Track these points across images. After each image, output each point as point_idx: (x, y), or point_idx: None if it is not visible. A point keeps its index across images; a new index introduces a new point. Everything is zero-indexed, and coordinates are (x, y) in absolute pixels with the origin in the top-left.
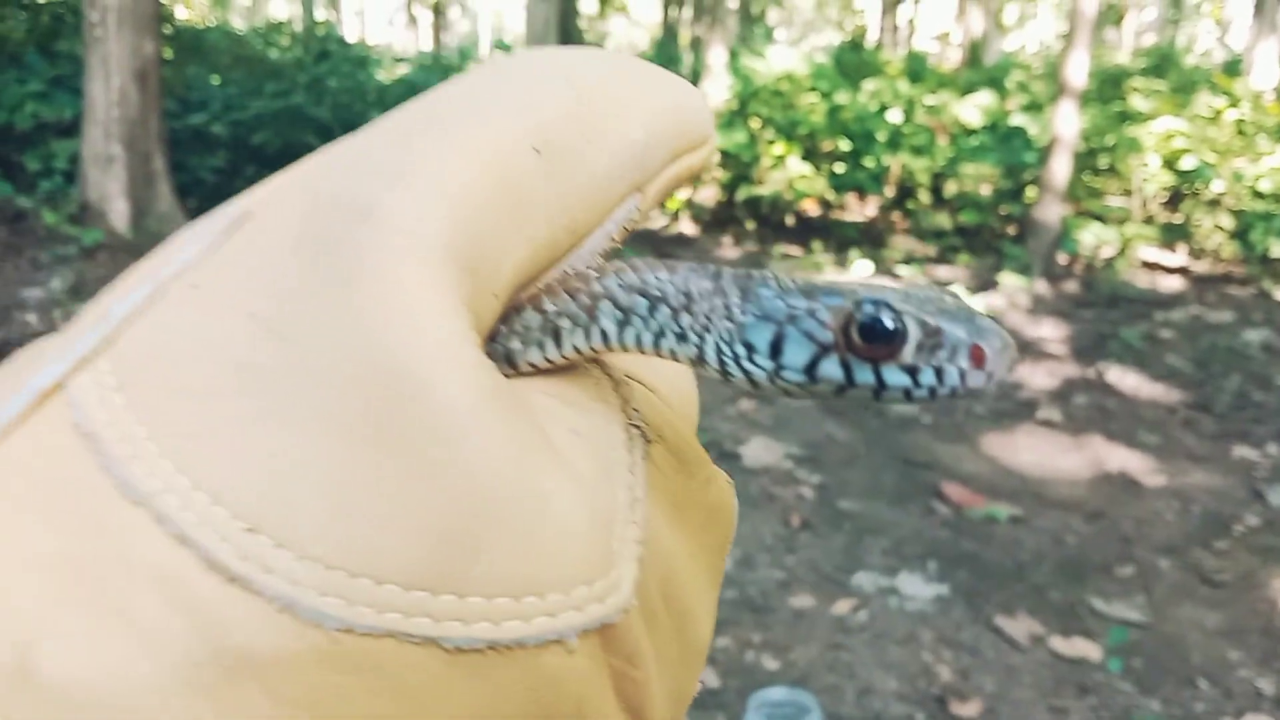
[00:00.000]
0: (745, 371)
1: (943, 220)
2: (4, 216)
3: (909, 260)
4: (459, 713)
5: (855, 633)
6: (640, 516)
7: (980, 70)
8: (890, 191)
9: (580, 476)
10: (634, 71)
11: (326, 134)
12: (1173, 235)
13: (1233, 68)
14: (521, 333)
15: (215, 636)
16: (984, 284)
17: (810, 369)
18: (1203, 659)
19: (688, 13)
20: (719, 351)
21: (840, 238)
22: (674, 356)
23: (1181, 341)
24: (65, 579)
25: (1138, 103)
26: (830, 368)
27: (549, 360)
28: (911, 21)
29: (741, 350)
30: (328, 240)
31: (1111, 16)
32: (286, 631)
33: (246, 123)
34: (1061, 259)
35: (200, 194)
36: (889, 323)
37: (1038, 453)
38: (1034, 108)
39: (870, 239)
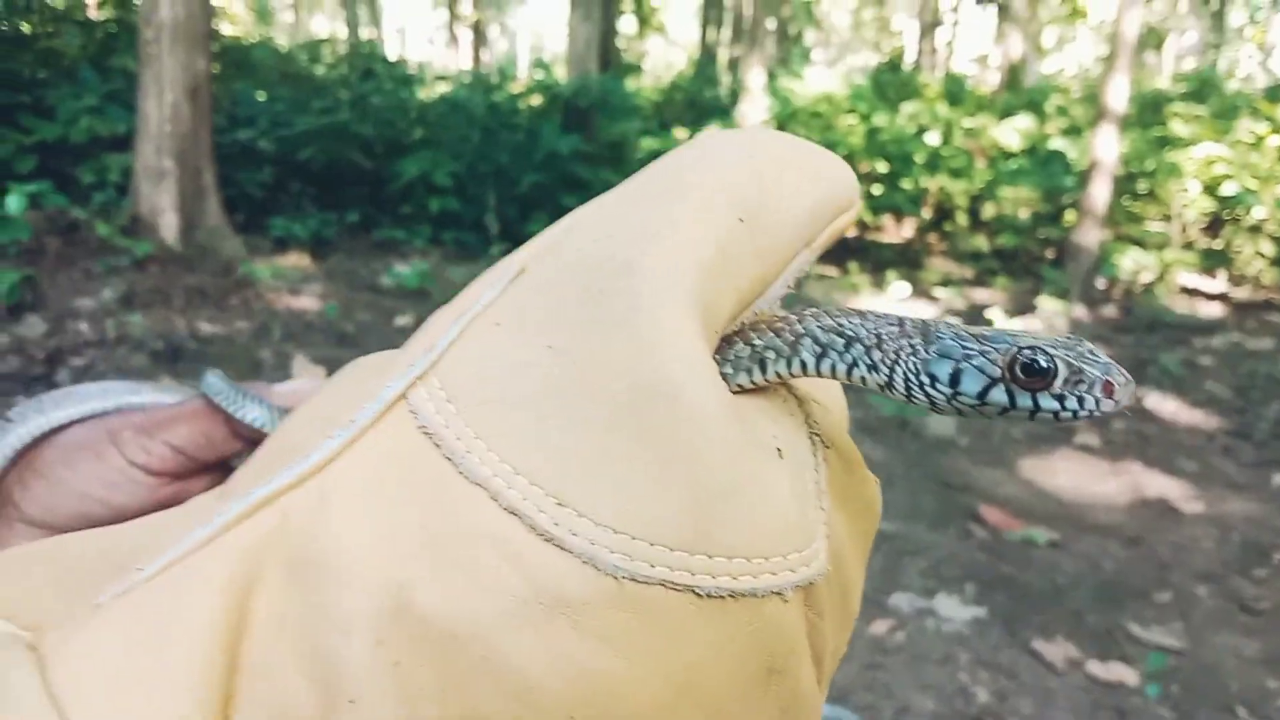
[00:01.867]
0: (928, 395)
1: (980, 243)
2: (59, 227)
3: (946, 283)
4: (705, 643)
5: (893, 653)
6: (825, 504)
7: (1019, 93)
8: (928, 213)
9: (786, 470)
10: (799, 149)
11: (369, 150)
12: (1213, 261)
13: (1275, 93)
14: (733, 360)
15: (537, 582)
16: (1022, 307)
17: (982, 395)
18: (1241, 687)
19: (726, 33)
20: (906, 380)
21: (877, 259)
22: (862, 383)
23: (1221, 368)
24: (427, 538)
25: (1178, 128)
26: (998, 394)
27: (753, 383)
28: (949, 44)
29: (926, 379)
30: (600, 289)
31: (1152, 40)
32: (588, 579)
33: (293, 138)
34: (1100, 284)
35: (248, 208)
36: (1044, 362)
37: (1075, 477)
38: (1073, 131)
39: (907, 260)
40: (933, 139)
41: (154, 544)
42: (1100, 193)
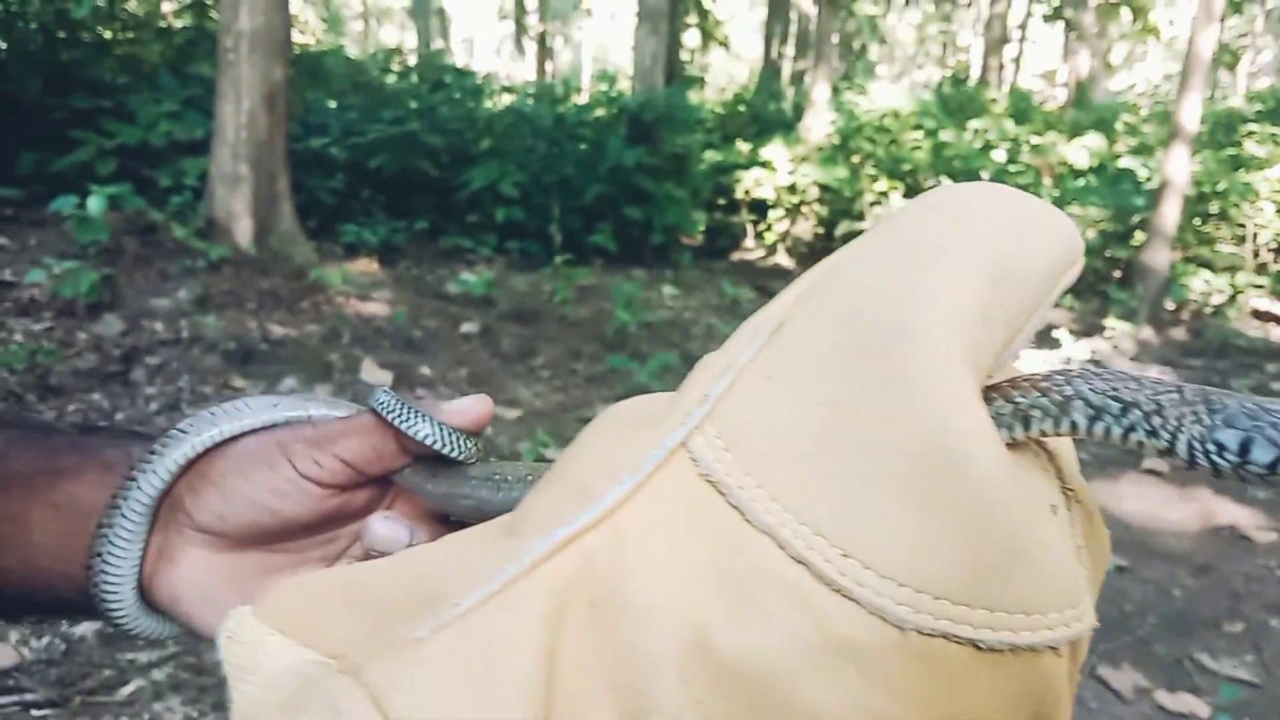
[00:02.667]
0: (1212, 462)
1: None
2: (137, 229)
3: None
4: (982, 693)
5: None
6: (1084, 559)
7: (1088, 111)
8: None
9: (1059, 526)
10: (1036, 207)
11: (437, 159)
12: None
13: None
14: (994, 417)
15: (826, 628)
16: (1089, 328)
17: (1273, 465)
18: None
19: (789, 47)
20: (1190, 447)
21: None
22: (1139, 447)
23: None
24: (721, 582)
25: (1252, 148)
26: None
27: (1013, 439)
28: (1016, 59)
29: (1212, 447)
30: (876, 348)
31: (1226, 58)
32: (874, 628)
33: (364, 147)
34: (1169, 305)
35: (319, 214)
36: None
37: (1144, 502)
38: (1143, 150)
39: None
40: (999, 155)
41: (456, 578)
42: (1170, 213)
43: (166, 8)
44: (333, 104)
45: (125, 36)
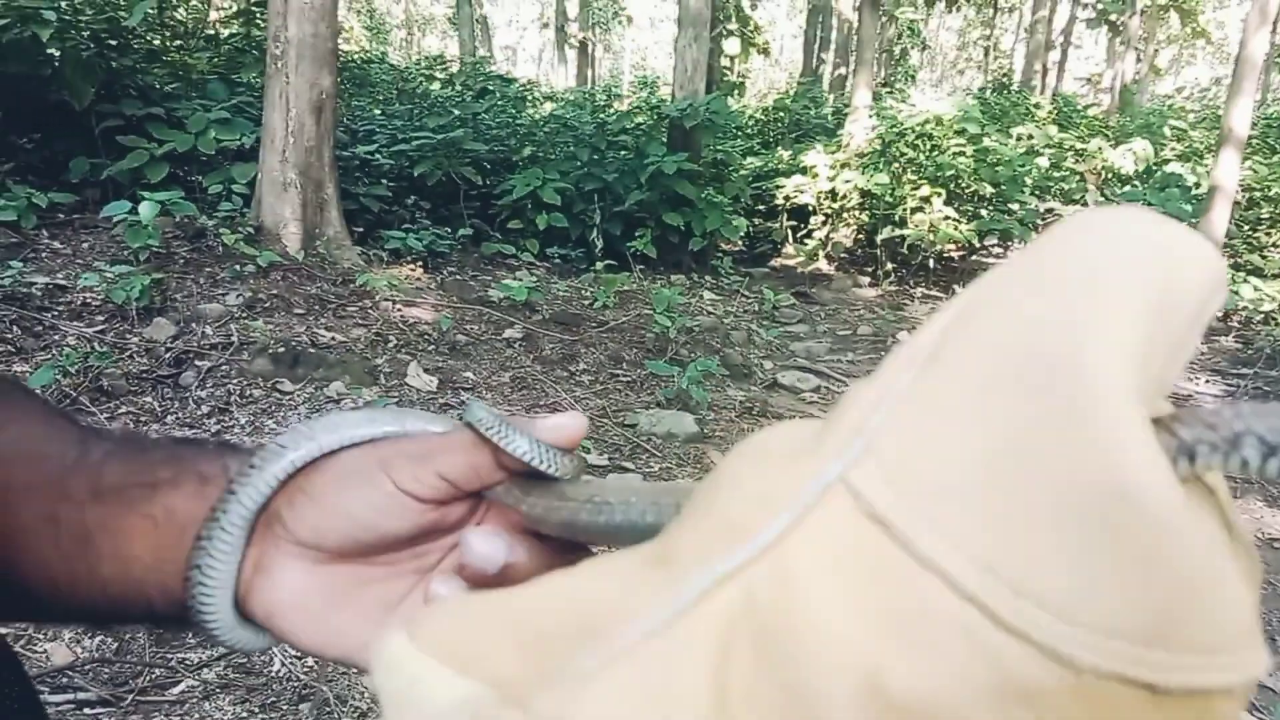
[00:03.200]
0: None
1: None
2: (187, 234)
3: None
4: None
5: None
6: (1251, 594)
7: (1134, 115)
8: (1035, 237)
9: (1233, 565)
10: (1184, 236)
11: (480, 167)
12: None
13: None
14: None
15: (1000, 669)
16: None
17: None
18: None
19: (830, 54)
20: None
21: None
22: None
23: None
24: (891, 621)
25: None
26: None
27: (1179, 476)
28: (1060, 64)
29: None
30: (1040, 384)
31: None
32: (1048, 670)
33: (409, 154)
34: (1218, 314)
35: (365, 221)
36: None
37: None
38: (1192, 155)
39: None
40: (1042, 162)
41: (616, 609)
42: (1220, 219)
43: (213, 16)
44: (377, 111)
45: (174, 45)
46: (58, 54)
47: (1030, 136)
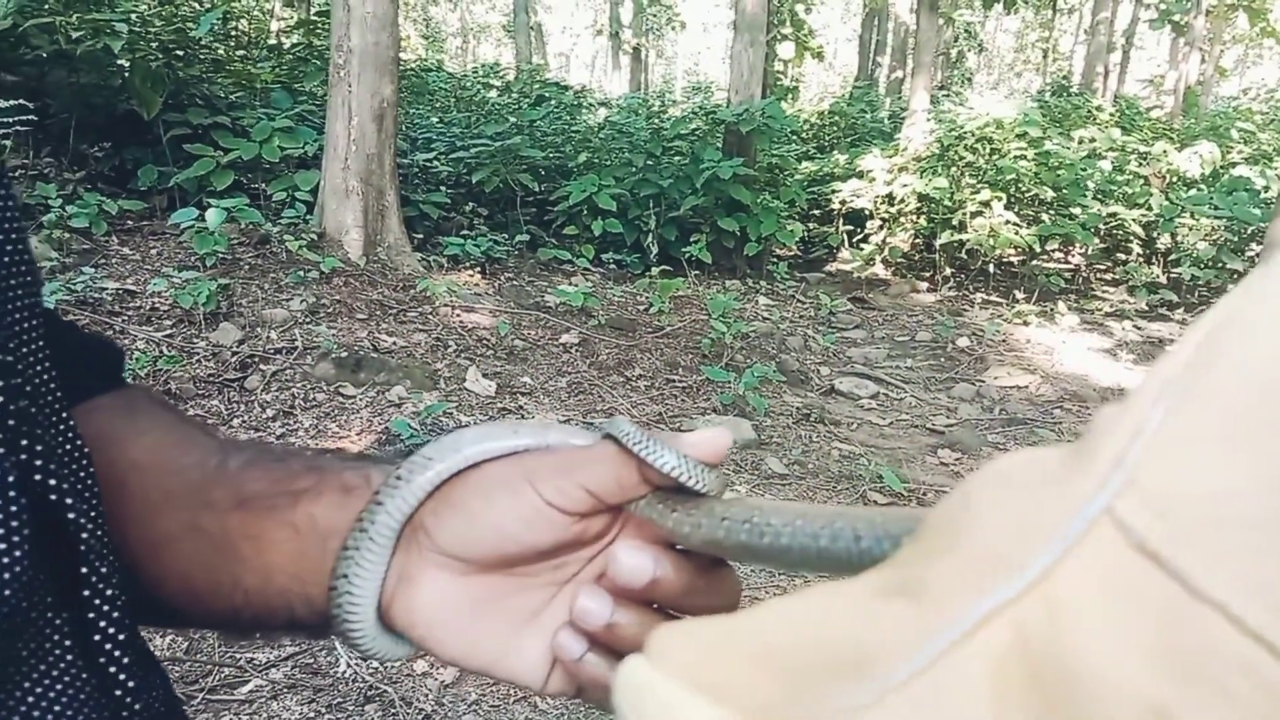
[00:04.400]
0: None
1: (1155, 274)
2: (252, 241)
3: (1119, 314)
4: None
5: None
6: None
7: (1198, 117)
8: (1098, 242)
9: None
10: None
11: (536, 174)
12: None
13: None
14: None
15: None
16: None
17: None
18: None
19: (885, 57)
20: None
21: (1044, 288)
22: None
23: None
24: (1171, 658)
25: None
26: None
27: None
28: (1122, 65)
29: None
30: None
31: None
32: None
33: (467, 161)
34: None
35: (424, 228)
36: None
37: None
38: (1260, 158)
39: (1075, 290)
40: (1105, 165)
41: (874, 643)
42: None
43: (274, 27)
44: (435, 119)
45: (238, 55)
46: (128, 64)
47: (1092, 140)
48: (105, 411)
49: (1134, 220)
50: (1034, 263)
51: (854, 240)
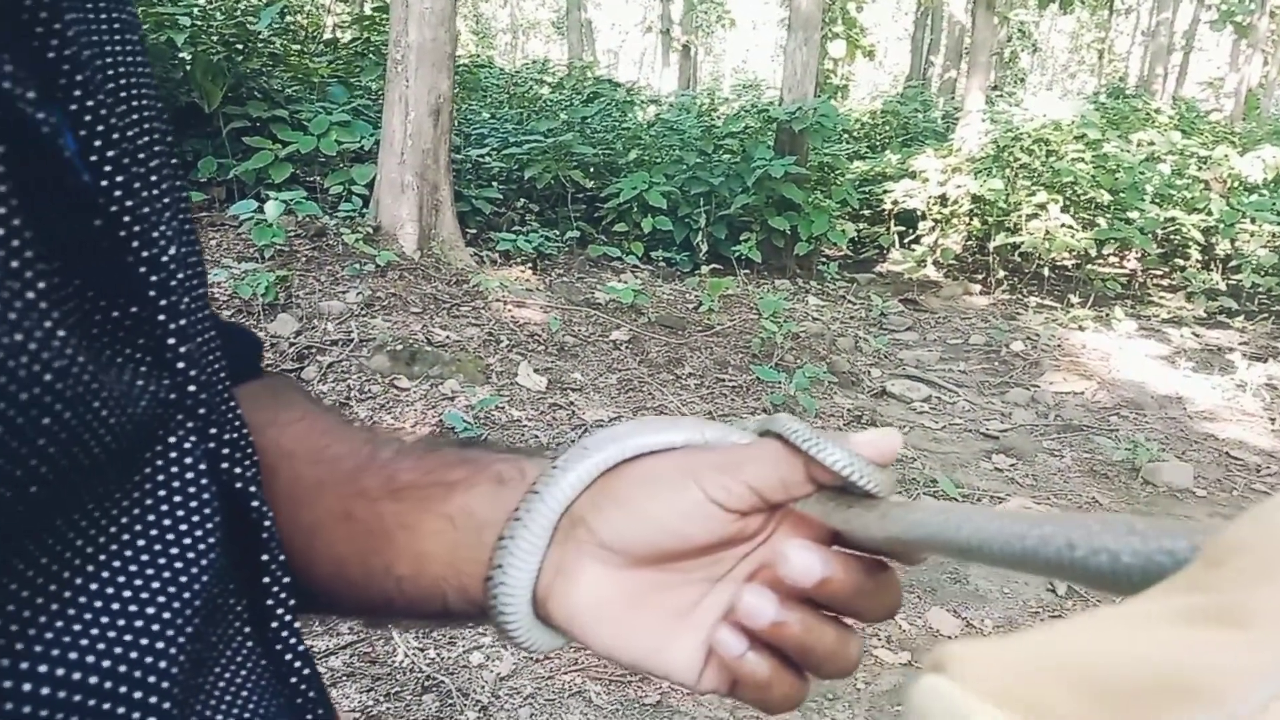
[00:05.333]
0: None
1: (1215, 280)
2: (309, 233)
3: (1177, 321)
4: None
5: None
6: None
7: (1260, 121)
8: (1155, 247)
9: None
10: None
11: (587, 170)
12: None
13: None
14: None
15: None
16: (1262, 352)
17: None
18: None
19: (939, 56)
20: None
21: (1100, 292)
22: None
23: None
24: None
25: None
26: None
27: None
28: (1181, 67)
29: None
30: None
31: None
32: None
33: (519, 157)
34: None
35: (476, 223)
36: None
37: None
38: None
39: (1131, 295)
40: (1164, 168)
41: (1202, 669)
42: None
43: (328, 21)
44: (487, 115)
45: (295, 49)
46: (190, 58)
47: (1151, 143)
48: (252, 399)
49: (1193, 225)
50: (1089, 267)
51: (905, 241)
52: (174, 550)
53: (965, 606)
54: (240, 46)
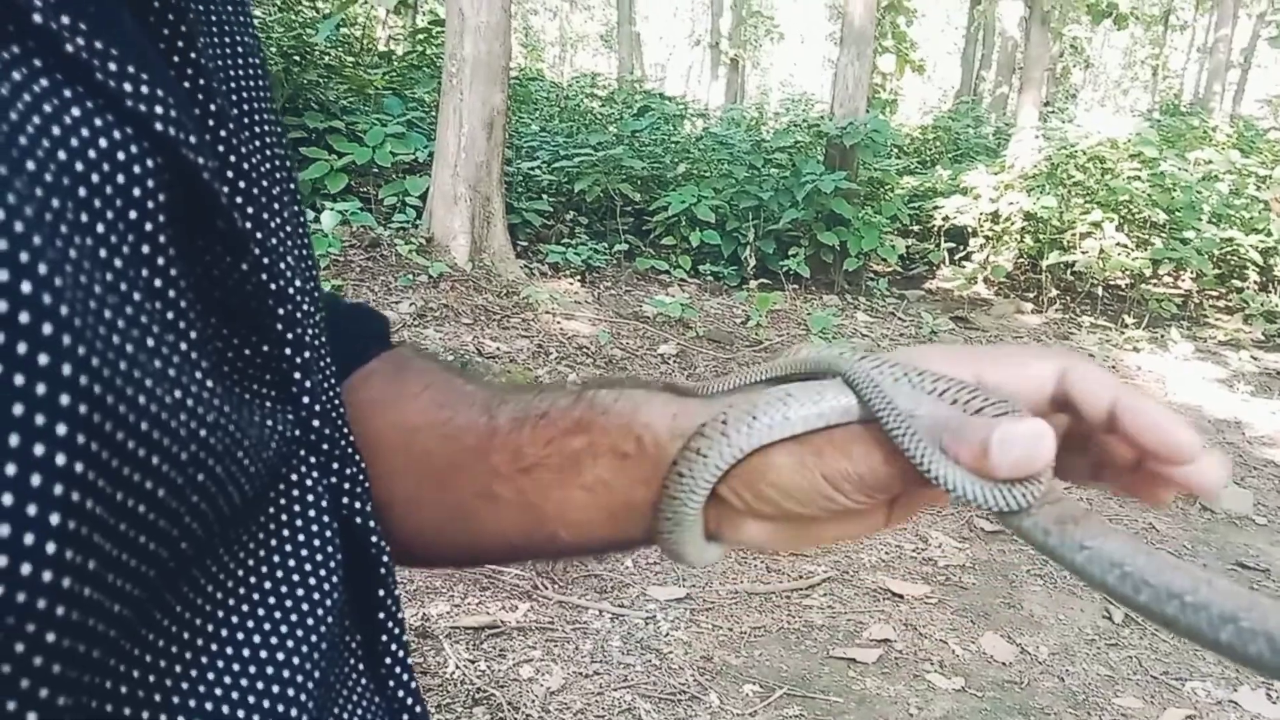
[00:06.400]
0: None
1: (1273, 302)
2: (363, 243)
3: (1234, 343)
4: None
5: None
6: None
7: None
8: (1212, 267)
9: None
10: None
11: (636, 183)
12: None
13: None
14: None
15: None
16: None
17: None
18: None
19: (990, 72)
20: None
21: (1155, 313)
22: None
23: None
24: None
25: None
26: None
27: None
28: (1239, 84)
29: None
30: None
31: None
32: None
33: (569, 170)
34: None
35: (526, 235)
36: None
37: None
38: None
39: (1187, 316)
40: (1222, 188)
41: None
42: None
43: (380, 34)
44: (536, 128)
45: (351, 61)
46: None
47: (1209, 161)
48: (379, 376)
49: (1252, 246)
50: (1143, 287)
51: (956, 258)
52: (300, 592)
53: (1020, 632)
54: (298, 58)
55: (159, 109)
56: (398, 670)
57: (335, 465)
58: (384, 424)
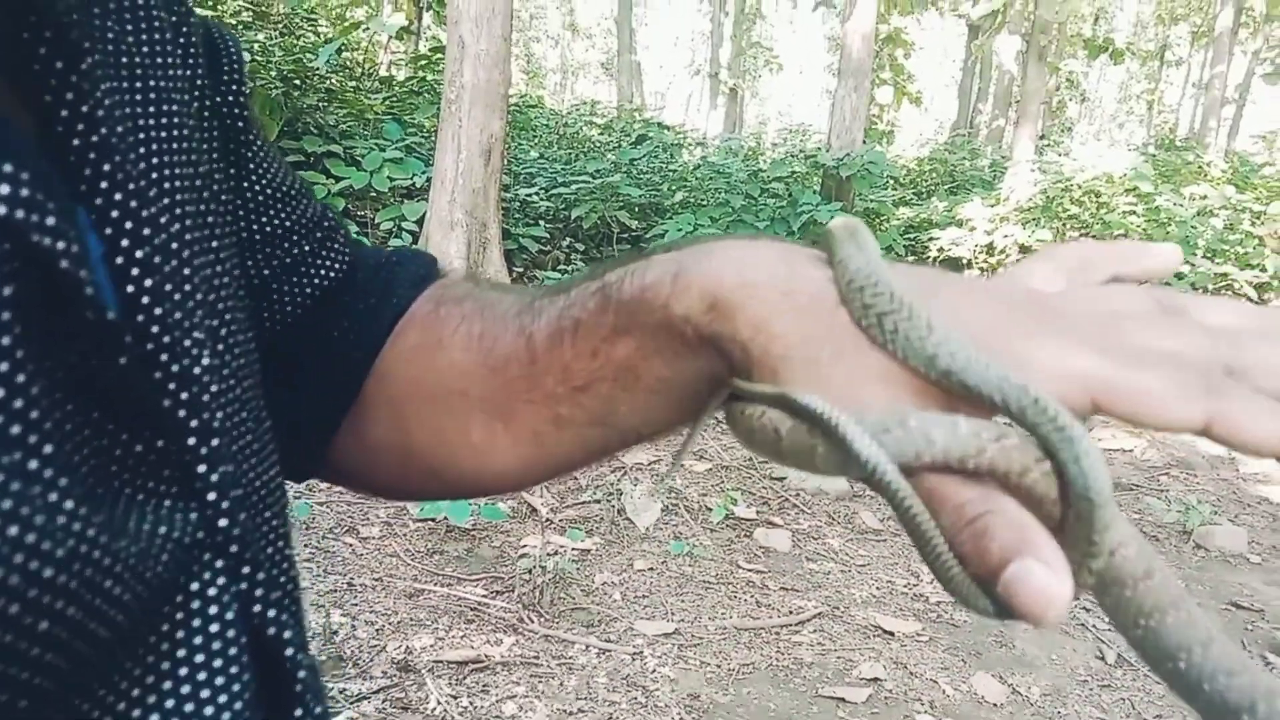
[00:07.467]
0: None
1: None
2: None
3: None
4: None
5: None
6: None
7: None
8: None
9: None
10: None
11: (634, 211)
12: None
13: None
14: None
15: None
16: None
17: None
18: None
19: (986, 104)
20: None
21: None
22: None
23: None
24: None
25: None
26: None
27: None
28: (1234, 120)
29: None
30: None
31: None
32: None
33: (566, 197)
34: None
35: (522, 260)
36: None
37: None
38: None
39: None
40: (1217, 223)
41: None
42: None
43: (381, 58)
44: (535, 155)
45: (351, 85)
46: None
47: (1204, 196)
48: (418, 321)
49: (1246, 281)
50: None
51: None
52: (207, 711)
53: (1011, 672)
54: (298, 82)
55: (4, 188)
56: None
57: (246, 569)
58: (433, 366)
